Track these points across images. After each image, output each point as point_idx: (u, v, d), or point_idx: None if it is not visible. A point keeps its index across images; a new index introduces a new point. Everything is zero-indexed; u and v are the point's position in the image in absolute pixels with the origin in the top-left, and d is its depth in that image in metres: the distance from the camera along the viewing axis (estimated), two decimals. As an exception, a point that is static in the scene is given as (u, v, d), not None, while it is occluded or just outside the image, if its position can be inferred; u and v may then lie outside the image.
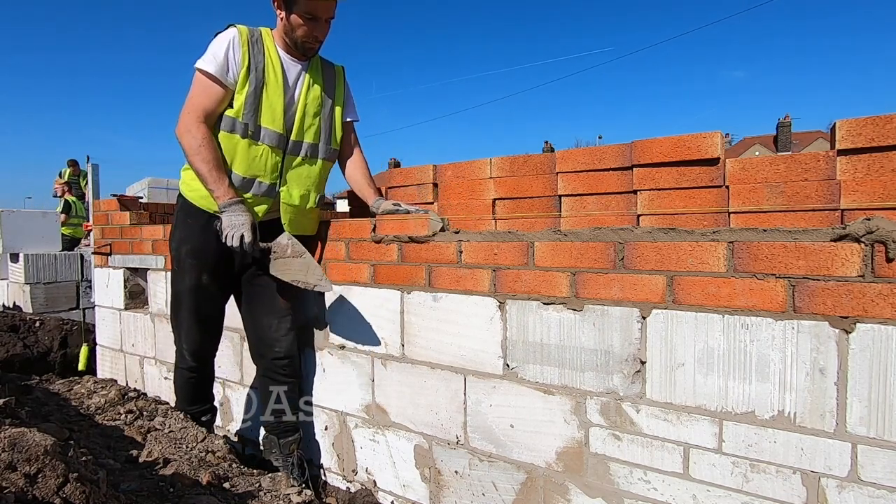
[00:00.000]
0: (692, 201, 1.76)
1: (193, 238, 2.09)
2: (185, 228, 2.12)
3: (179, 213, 2.16)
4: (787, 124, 38.77)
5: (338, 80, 2.21)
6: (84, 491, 1.09)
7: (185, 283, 2.13)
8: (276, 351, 2.15)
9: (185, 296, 2.14)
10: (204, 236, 2.06)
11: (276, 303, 2.16)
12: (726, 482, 1.41)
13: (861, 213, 1.46)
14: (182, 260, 2.12)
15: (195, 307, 2.15)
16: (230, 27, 1.99)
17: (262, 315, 2.17)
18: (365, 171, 2.26)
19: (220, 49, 1.93)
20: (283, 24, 1.99)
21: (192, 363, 2.23)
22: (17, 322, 4.80)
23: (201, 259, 2.10)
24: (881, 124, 1.47)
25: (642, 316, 1.52)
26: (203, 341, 2.23)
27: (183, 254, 2.12)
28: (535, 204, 2.08)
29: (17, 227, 6.53)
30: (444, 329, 1.92)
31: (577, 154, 2.02)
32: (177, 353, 2.27)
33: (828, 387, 1.28)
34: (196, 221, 2.08)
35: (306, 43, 2.00)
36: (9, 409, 1.56)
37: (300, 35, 1.98)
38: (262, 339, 2.18)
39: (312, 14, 1.94)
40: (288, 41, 2.02)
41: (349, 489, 2.23)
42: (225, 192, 1.93)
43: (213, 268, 2.12)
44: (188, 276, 2.12)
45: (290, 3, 1.93)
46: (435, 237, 1.91)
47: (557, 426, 1.68)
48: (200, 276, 2.11)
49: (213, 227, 1.99)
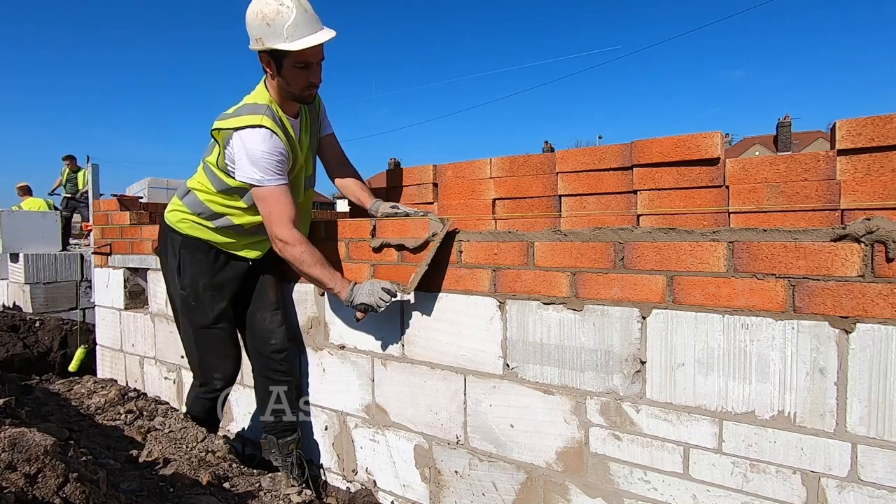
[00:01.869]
0: (692, 201, 1.76)
1: (207, 272, 2.14)
2: (196, 264, 2.14)
3: (182, 250, 2.15)
4: (787, 124, 38.76)
5: (318, 107, 2.21)
6: (84, 491, 1.09)
7: (208, 316, 2.16)
8: (273, 343, 2.19)
9: (211, 328, 2.18)
10: (214, 267, 2.14)
11: (266, 297, 2.23)
12: (726, 482, 1.41)
13: (861, 213, 1.46)
14: (201, 294, 2.15)
15: (223, 334, 2.21)
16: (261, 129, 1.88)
17: (256, 311, 2.23)
18: (356, 176, 2.28)
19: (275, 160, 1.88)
20: (277, 82, 1.94)
21: (221, 388, 2.25)
22: (17, 322, 4.80)
23: (218, 289, 2.16)
24: (881, 124, 1.47)
25: (642, 316, 1.52)
26: (234, 362, 2.27)
27: (201, 288, 2.15)
28: (535, 204, 2.08)
29: (17, 227, 6.53)
30: (444, 329, 1.92)
31: (577, 154, 2.01)
32: (201, 385, 2.26)
33: (828, 387, 1.28)
34: (206, 256, 2.14)
35: (304, 92, 1.96)
36: (9, 409, 1.56)
37: (298, 87, 1.94)
38: (257, 335, 2.22)
39: (304, 62, 1.89)
40: (286, 95, 1.97)
41: (349, 489, 2.23)
42: (342, 283, 1.92)
43: (228, 293, 2.19)
44: (210, 308, 2.16)
45: (279, 59, 1.88)
46: (434, 238, 1.91)
47: (557, 426, 1.68)
48: (221, 304, 2.17)
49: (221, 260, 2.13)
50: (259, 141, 1.87)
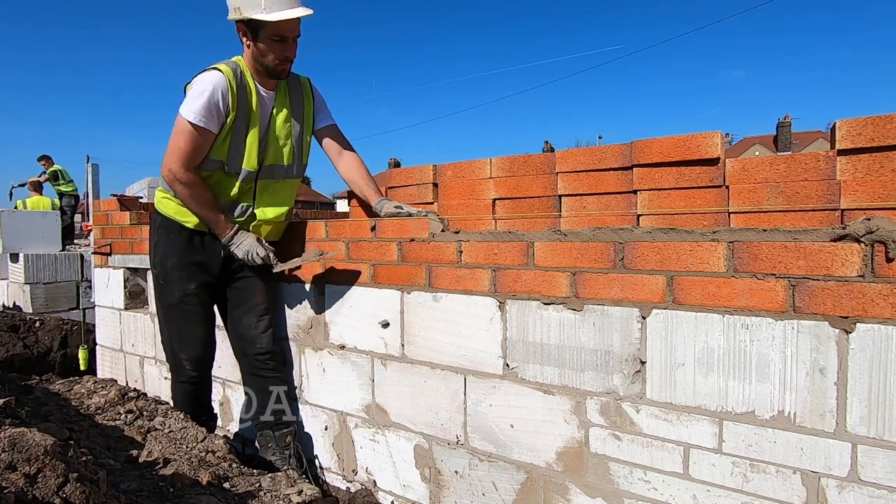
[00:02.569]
0: (692, 201, 1.76)
1: (178, 251, 2.17)
2: (168, 244, 2.19)
3: (160, 230, 2.22)
4: (787, 124, 38.77)
5: (305, 95, 2.22)
6: (84, 491, 1.09)
7: (174, 295, 2.20)
8: (258, 347, 2.22)
9: (176, 307, 2.21)
10: (187, 248, 2.16)
11: (254, 302, 2.24)
12: (726, 482, 1.41)
13: (861, 213, 1.46)
14: (169, 273, 2.19)
15: (188, 316, 2.22)
16: (214, 70, 1.97)
17: (242, 315, 2.24)
18: (362, 171, 2.27)
19: (207, 99, 1.92)
20: (251, 51, 2.00)
21: (192, 373, 2.26)
22: (17, 322, 4.80)
23: (188, 270, 2.18)
24: (881, 124, 1.47)
25: (642, 316, 1.52)
26: (202, 347, 2.28)
27: (169, 267, 2.19)
28: (535, 204, 2.08)
29: (17, 227, 6.53)
30: (444, 329, 1.92)
31: (577, 154, 2.01)
32: (173, 368, 2.30)
33: (828, 387, 1.28)
34: (178, 236, 2.17)
35: (278, 66, 2.01)
36: (9, 409, 1.56)
37: (270, 60, 1.99)
38: (242, 337, 2.24)
39: (280, 35, 1.95)
40: (259, 68, 2.03)
41: (349, 489, 2.23)
42: (224, 226, 2.06)
43: (199, 275, 2.20)
44: (177, 287, 2.18)
45: (255, 30, 1.94)
46: (435, 237, 1.91)
47: (557, 426, 1.68)
48: (189, 285, 2.18)
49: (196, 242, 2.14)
50: (204, 78, 1.95)
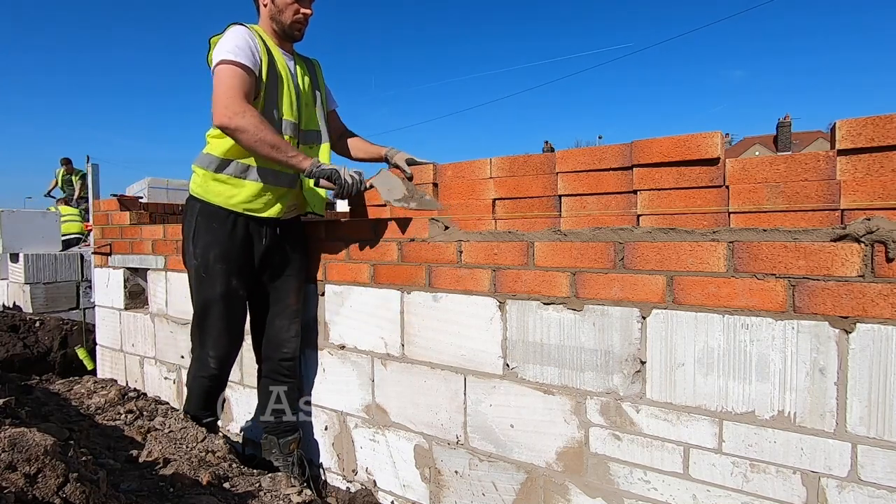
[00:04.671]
0: (692, 201, 1.76)
1: (222, 242, 2.03)
2: (211, 233, 2.04)
3: (199, 217, 2.06)
4: (787, 124, 38.77)
5: (317, 71, 2.27)
6: (84, 491, 1.09)
7: (216, 289, 2.05)
8: (284, 352, 2.16)
9: (216, 302, 2.06)
10: (231, 239, 2.03)
11: (289, 304, 2.17)
12: (726, 482, 1.41)
13: (861, 213, 1.46)
14: (211, 266, 2.04)
15: (226, 312, 2.09)
16: (235, 25, 1.95)
17: (275, 316, 2.17)
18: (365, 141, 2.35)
19: (242, 42, 1.88)
20: (268, 10, 2.01)
21: (214, 371, 2.15)
22: (17, 322, 4.80)
23: (231, 262, 2.05)
24: (881, 124, 1.47)
25: (642, 316, 1.52)
26: (230, 346, 2.17)
27: (212, 259, 2.04)
28: (535, 204, 2.08)
29: (17, 227, 6.53)
30: (444, 329, 1.92)
31: (577, 154, 2.01)
32: (197, 361, 2.18)
33: (828, 387, 1.28)
34: (221, 225, 2.03)
35: (295, 24, 2.01)
36: (9, 409, 1.57)
37: (288, 16, 1.99)
38: (270, 340, 2.18)
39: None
40: (276, 27, 2.03)
41: (349, 489, 2.23)
42: (304, 157, 1.90)
43: (241, 270, 2.08)
44: (219, 281, 2.04)
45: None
46: (435, 237, 1.91)
47: (557, 426, 1.68)
48: (231, 280, 2.06)
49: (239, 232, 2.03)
50: (232, 32, 1.93)
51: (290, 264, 2.18)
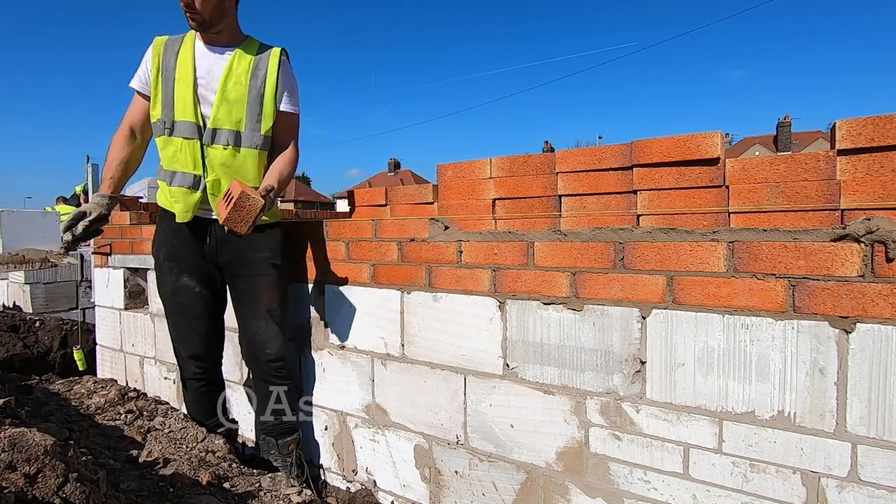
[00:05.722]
0: (692, 201, 1.76)
1: (168, 241, 2.14)
2: (161, 233, 2.18)
3: (159, 221, 2.22)
4: (787, 124, 38.78)
5: (270, 64, 2.01)
6: (84, 491, 1.09)
7: (167, 286, 2.16)
8: (268, 353, 2.09)
9: (170, 298, 2.17)
10: (176, 237, 2.11)
11: (259, 304, 2.09)
12: (726, 482, 1.41)
13: (861, 213, 1.46)
14: (162, 264, 2.16)
15: (182, 309, 2.16)
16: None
17: (250, 317, 2.11)
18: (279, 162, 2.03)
19: (141, 63, 2.07)
20: None
21: (195, 369, 2.18)
22: (17, 322, 4.79)
23: (178, 260, 2.12)
24: (881, 124, 1.47)
25: (642, 316, 1.52)
26: (203, 345, 2.17)
27: (161, 258, 2.16)
28: (535, 204, 2.08)
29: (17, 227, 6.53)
30: (444, 329, 1.92)
31: (577, 154, 2.01)
32: (180, 366, 2.24)
33: (828, 387, 1.28)
34: (168, 225, 2.13)
35: (185, 13, 1.92)
36: (9, 409, 1.57)
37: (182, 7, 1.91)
38: (252, 341, 2.14)
39: None
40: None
41: (349, 489, 2.23)
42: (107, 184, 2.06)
43: (193, 267, 2.12)
44: (169, 278, 2.14)
45: None
46: (435, 237, 1.91)
47: (557, 426, 1.68)
48: (181, 276, 2.12)
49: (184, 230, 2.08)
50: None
51: (249, 263, 2.08)
